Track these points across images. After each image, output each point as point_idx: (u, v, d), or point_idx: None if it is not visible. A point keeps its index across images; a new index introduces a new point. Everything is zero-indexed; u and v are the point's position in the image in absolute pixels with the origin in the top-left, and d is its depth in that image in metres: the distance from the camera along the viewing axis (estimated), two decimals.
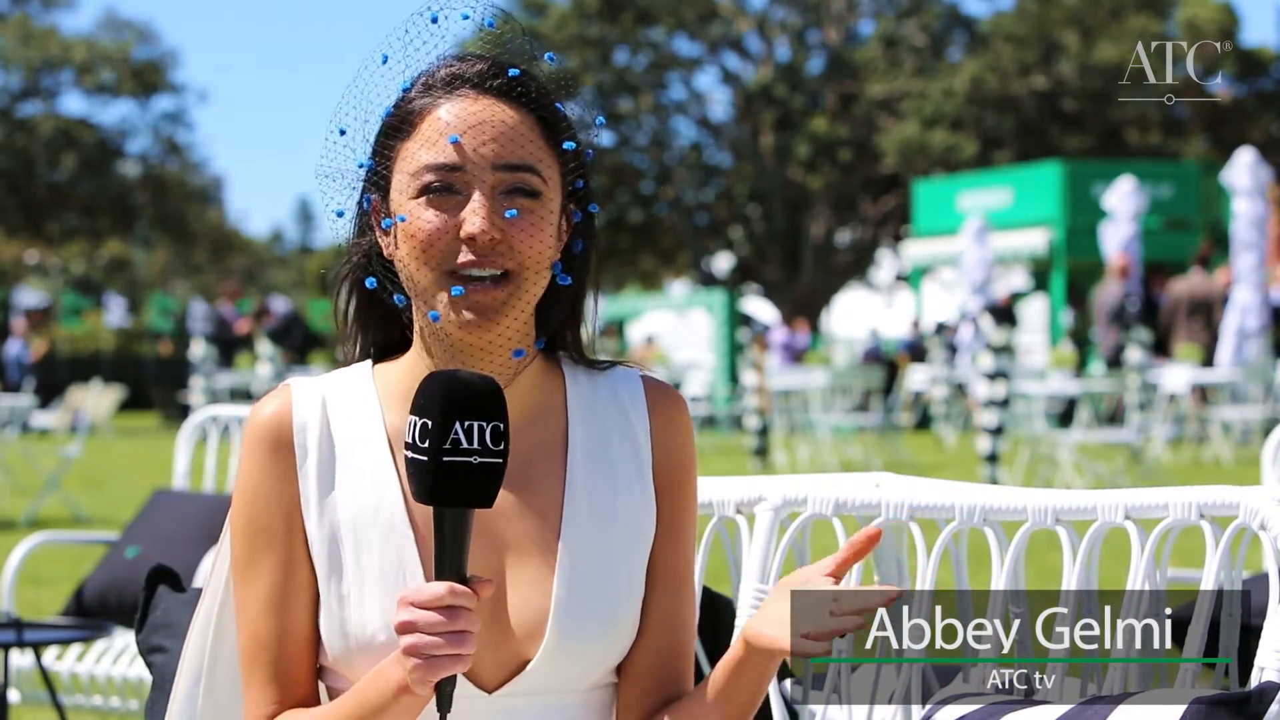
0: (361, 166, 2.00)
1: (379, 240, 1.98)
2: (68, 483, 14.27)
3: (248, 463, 1.99)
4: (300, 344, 22.27)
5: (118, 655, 4.76)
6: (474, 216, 1.90)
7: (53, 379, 27.46)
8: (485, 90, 1.95)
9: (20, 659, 4.73)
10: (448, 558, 1.78)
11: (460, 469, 1.76)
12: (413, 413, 1.78)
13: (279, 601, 1.96)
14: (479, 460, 1.76)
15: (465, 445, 1.76)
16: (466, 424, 1.76)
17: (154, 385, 30.33)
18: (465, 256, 1.90)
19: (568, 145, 1.96)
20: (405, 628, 1.77)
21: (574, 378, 2.05)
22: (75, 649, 4.79)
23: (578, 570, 1.95)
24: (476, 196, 1.90)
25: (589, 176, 2.01)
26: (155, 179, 46.30)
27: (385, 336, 2.04)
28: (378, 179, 1.98)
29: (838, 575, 1.89)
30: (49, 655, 4.72)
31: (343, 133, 2.00)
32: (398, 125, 1.96)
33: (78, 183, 44.49)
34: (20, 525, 11.70)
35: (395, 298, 1.98)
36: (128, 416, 28.31)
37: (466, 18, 1.99)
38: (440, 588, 1.76)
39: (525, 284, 1.92)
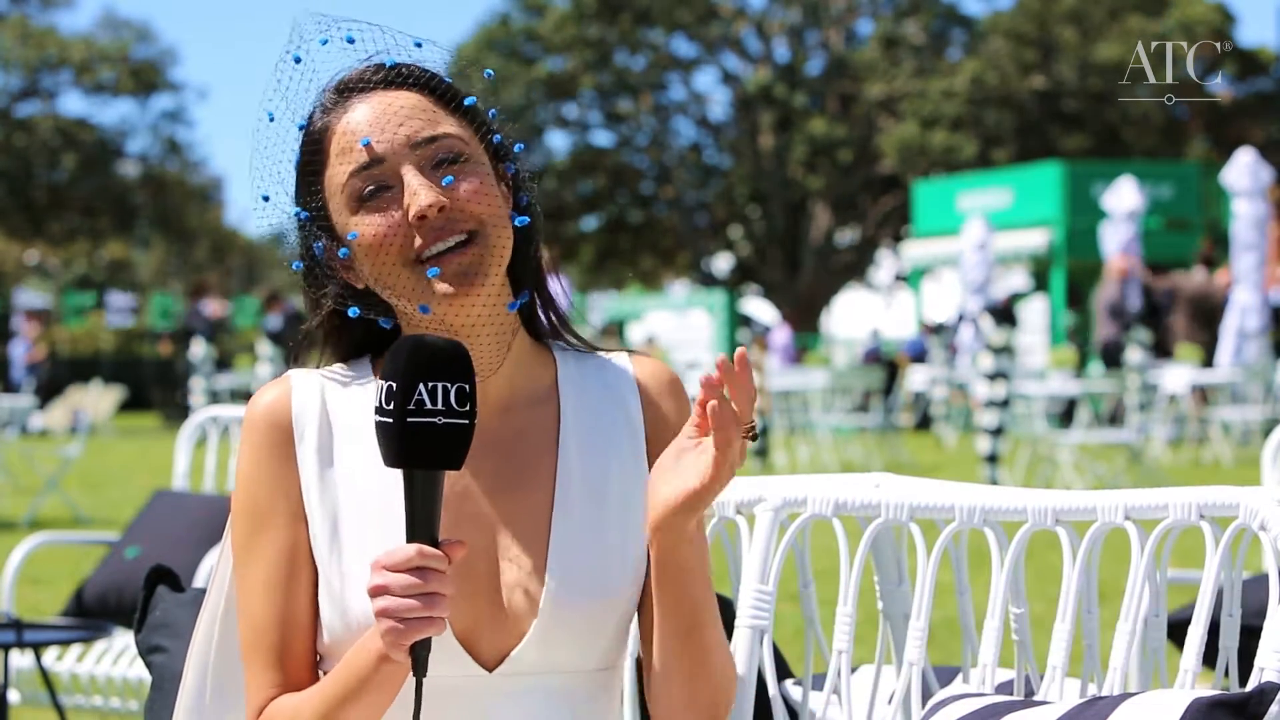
0: (298, 214, 2.01)
1: (345, 278, 2.00)
2: (68, 483, 14.27)
3: (247, 448, 2.01)
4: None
5: (118, 656, 4.76)
6: (416, 196, 1.92)
7: (53, 379, 27.45)
8: (372, 87, 1.99)
9: (20, 659, 4.73)
10: (418, 520, 1.79)
11: (425, 429, 1.77)
12: (380, 377, 1.80)
13: (279, 584, 1.97)
14: (444, 421, 1.77)
15: (430, 406, 1.77)
16: (430, 385, 1.77)
17: (154, 385, 30.33)
18: (422, 239, 1.93)
19: (469, 101, 2.00)
20: (377, 590, 1.78)
21: (564, 362, 2.08)
22: (75, 649, 4.79)
23: (569, 547, 1.97)
24: (409, 178, 1.93)
25: (503, 133, 2.03)
26: (155, 179, 46.28)
27: (374, 337, 2.06)
28: (316, 221, 2.00)
29: (704, 430, 1.87)
30: (49, 656, 4.72)
31: (266, 199, 2.02)
32: (311, 159, 1.99)
33: (78, 183, 44.47)
34: (20, 525, 11.70)
35: (381, 322, 2.01)
36: (128, 417, 28.32)
37: (325, 43, 2.02)
38: (410, 549, 1.77)
39: (491, 239, 1.94)
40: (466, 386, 1.79)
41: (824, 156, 40.29)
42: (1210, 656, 2.22)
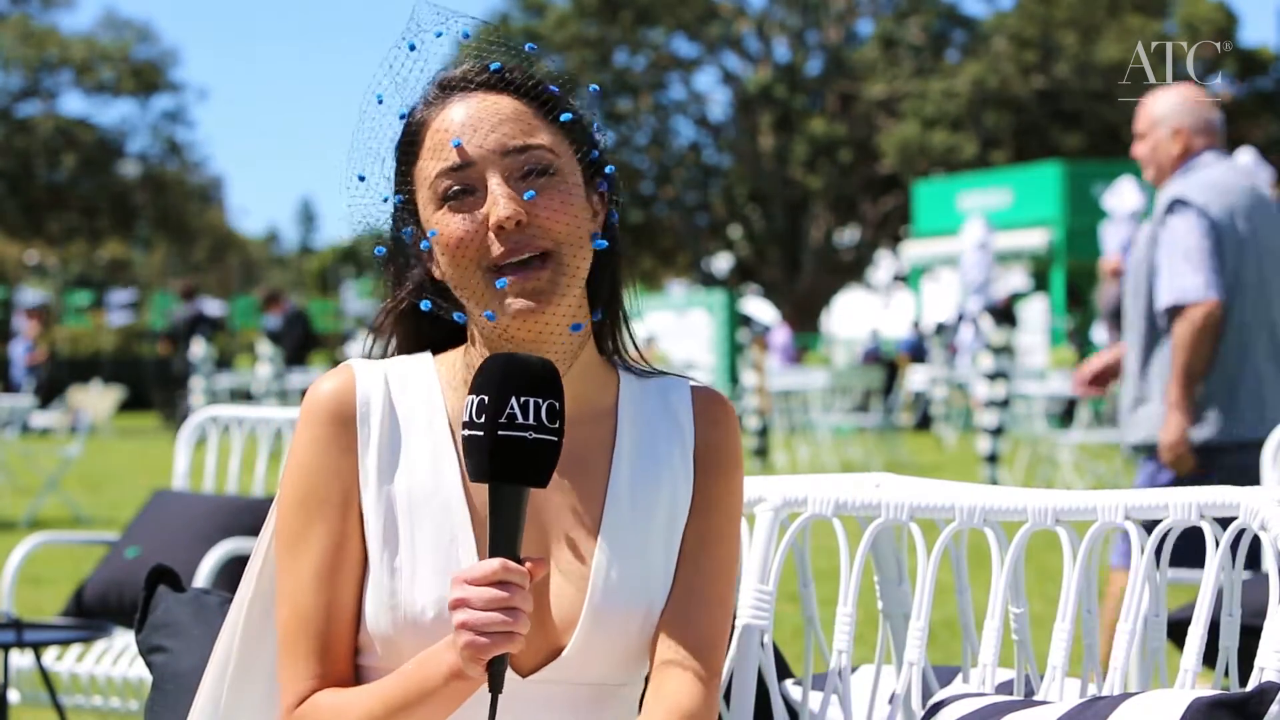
0: (386, 200, 2.03)
1: (428, 267, 2.01)
2: (68, 483, 14.27)
3: (306, 436, 2.00)
4: (299, 342, 22.18)
5: (118, 655, 4.75)
6: (496, 206, 1.92)
7: (53, 379, 27.43)
8: (475, 88, 1.99)
9: (20, 659, 4.73)
10: (502, 536, 1.79)
11: (515, 444, 1.77)
12: (471, 391, 1.80)
13: (327, 575, 1.97)
14: (534, 436, 1.78)
15: (521, 420, 1.77)
16: (523, 400, 1.78)
17: (154, 385, 30.31)
18: (499, 248, 1.92)
19: (565, 117, 1.99)
20: (458, 604, 1.77)
21: (627, 380, 2.08)
22: (75, 649, 4.79)
23: (612, 565, 1.98)
24: (494, 186, 1.93)
25: (600, 147, 2.03)
26: (155, 179, 46.29)
27: (441, 335, 2.07)
28: (407, 208, 2.01)
29: None
30: (49, 655, 4.72)
31: (362, 179, 2.03)
32: (407, 148, 2.00)
33: (78, 183, 44.48)
34: (20, 525, 11.70)
35: (455, 316, 2.01)
36: (128, 416, 28.32)
37: (440, 35, 2.02)
38: (494, 564, 1.77)
39: (565, 259, 1.94)
40: (557, 404, 1.79)
41: (824, 156, 40.29)
42: (1210, 656, 2.22)
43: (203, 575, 4.50)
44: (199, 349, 18.99)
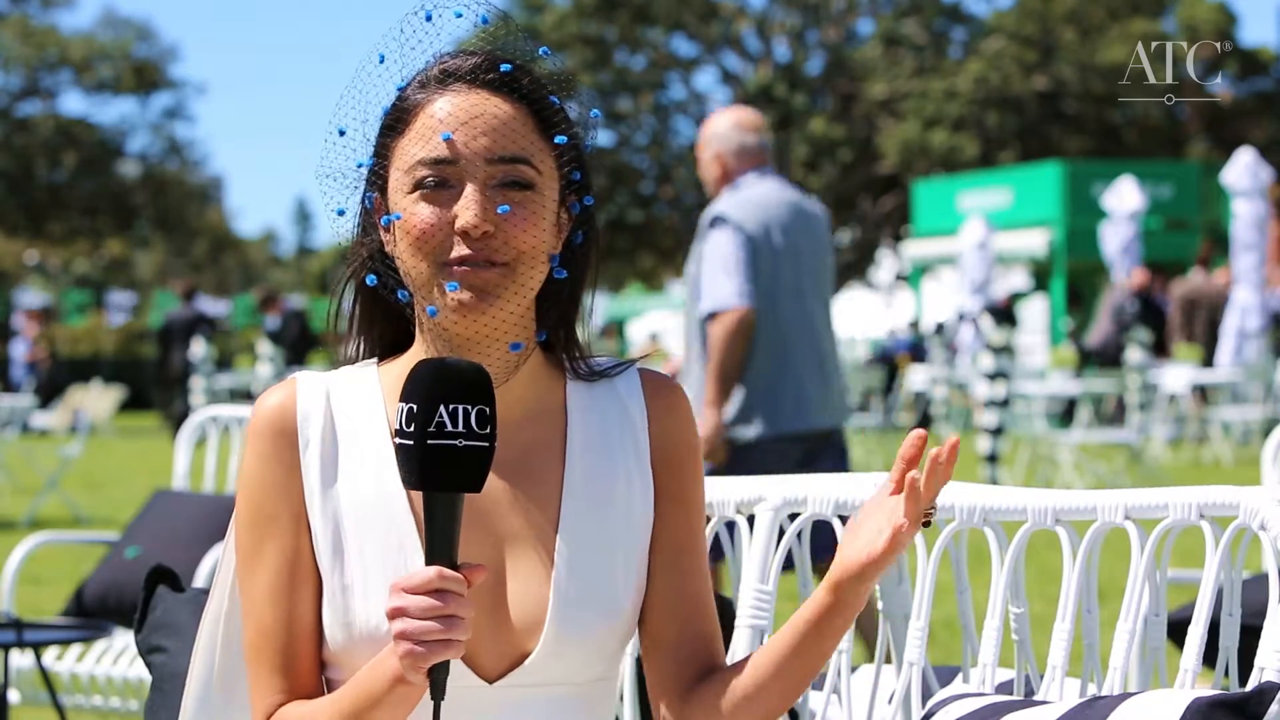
0: (361, 166, 2.01)
1: (382, 237, 1.99)
2: (68, 483, 14.28)
3: (251, 452, 2.00)
4: (297, 342, 22.17)
5: (118, 655, 4.76)
6: (466, 210, 1.91)
7: (53, 379, 27.44)
8: (478, 84, 1.96)
9: (20, 659, 4.74)
10: (437, 543, 1.79)
11: (446, 452, 1.76)
12: (401, 399, 1.79)
13: (284, 590, 1.97)
14: (464, 443, 1.77)
15: (450, 428, 1.76)
16: (451, 407, 1.77)
17: (154, 385, 30.32)
18: (459, 250, 1.91)
19: (559, 139, 1.97)
20: (395, 613, 1.77)
21: (574, 377, 2.06)
22: (75, 649, 4.79)
23: (576, 562, 1.97)
24: (469, 189, 1.92)
25: (586, 168, 2.01)
26: (155, 178, 46.30)
27: (389, 334, 2.06)
28: (377, 177, 1.99)
29: (899, 489, 1.90)
30: (49, 655, 4.72)
31: (342, 133, 2.01)
32: (393, 123, 1.98)
33: (78, 182, 44.48)
34: (20, 525, 11.71)
35: (399, 294, 2.00)
36: (128, 417, 28.33)
37: (460, 15, 2.00)
38: (429, 572, 1.77)
39: (520, 274, 1.93)
40: (487, 409, 1.78)
41: (824, 156, 40.29)
42: (1210, 656, 2.22)
43: (203, 575, 4.51)
44: (199, 349, 18.97)
